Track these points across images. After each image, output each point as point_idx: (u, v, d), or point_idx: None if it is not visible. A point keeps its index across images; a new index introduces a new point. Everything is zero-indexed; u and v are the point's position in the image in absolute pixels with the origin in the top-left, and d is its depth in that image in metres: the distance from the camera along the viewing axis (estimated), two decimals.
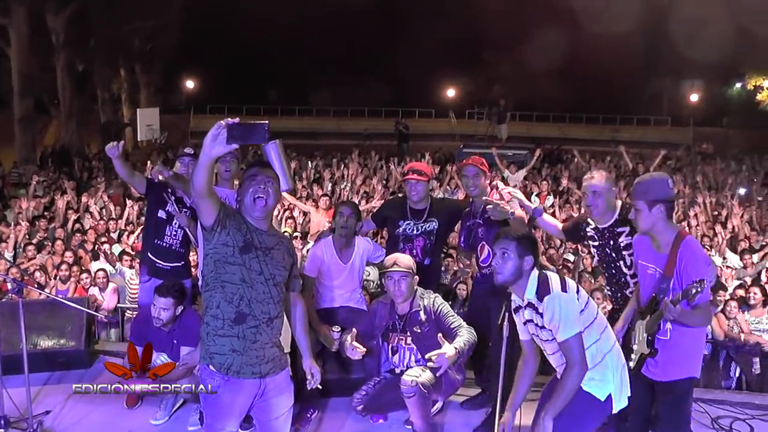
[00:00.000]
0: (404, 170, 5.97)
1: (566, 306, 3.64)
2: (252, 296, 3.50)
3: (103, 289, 8.21)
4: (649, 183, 4.11)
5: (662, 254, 4.06)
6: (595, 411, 3.73)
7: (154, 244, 5.84)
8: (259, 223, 3.58)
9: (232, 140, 3.05)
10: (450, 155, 23.11)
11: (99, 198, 12.43)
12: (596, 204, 4.74)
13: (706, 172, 17.65)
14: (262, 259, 3.53)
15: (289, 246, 3.76)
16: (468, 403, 5.62)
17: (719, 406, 5.69)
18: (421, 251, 5.57)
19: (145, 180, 5.90)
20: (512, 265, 3.74)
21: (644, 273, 4.23)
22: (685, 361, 4.12)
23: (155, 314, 5.13)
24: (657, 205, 4.00)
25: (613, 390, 3.71)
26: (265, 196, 3.53)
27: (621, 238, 4.72)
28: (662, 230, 4.05)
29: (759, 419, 5.52)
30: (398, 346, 5.09)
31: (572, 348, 3.61)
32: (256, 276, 3.51)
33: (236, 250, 3.47)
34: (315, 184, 13.92)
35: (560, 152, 23.02)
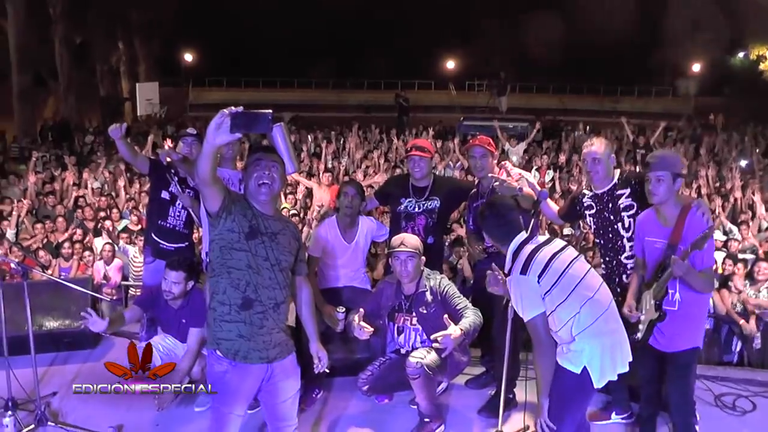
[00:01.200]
0: (407, 147, 5.92)
1: (523, 289, 3.71)
2: (258, 282, 3.49)
3: (108, 263, 8.21)
4: (674, 157, 4.38)
5: (668, 227, 4.22)
6: (573, 385, 3.72)
7: (157, 224, 5.81)
8: (264, 208, 3.57)
9: (235, 129, 3.04)
10: (450, 128, 23.05)
11: (100, 174, 12.38)
12: (596, 170, 4.82)
13: (707, 144, 17.55)
14: (268, 245, 3.53)
15: (294, 230, 3.75)
16: (472, 383, 5.64)
17: (722, 383, 5.71)
18: (423, 229, 5.52)
19: (148, 160, 5.85)
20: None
21: (651, 248, 4.34)
22: (689, 332, 4.27)
23: (167, 288, 5.11)
24: (678, 178, 4.22)
25: (588, 362, 3.67)
26: (270, 182, 3.53)
27: (621, 200, 4.78)
28: (673, 203, 4.24)
29: (761, 396, 5.54)
30: (404, 326, 5.08)
31: (535, 327, 3.69)
32: (263, 261, 3.50)
33: (242, 236, 3.46)
34: (315, 158, 13.87)
35: (558, 124, 22.93)
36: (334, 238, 5.56)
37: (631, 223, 4.74)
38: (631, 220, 4.74)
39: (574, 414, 3.83)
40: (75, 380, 5.57)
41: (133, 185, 11.46)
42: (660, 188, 4.22)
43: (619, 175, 4.88)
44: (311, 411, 5.21)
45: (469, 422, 5.13)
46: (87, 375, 5.68)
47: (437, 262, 5.63)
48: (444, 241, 6.77)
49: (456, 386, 5.56)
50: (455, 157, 13.98)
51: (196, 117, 27.82)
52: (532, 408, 4.92)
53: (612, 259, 4.91)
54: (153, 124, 23.00)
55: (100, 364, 5.88)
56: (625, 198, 4.76)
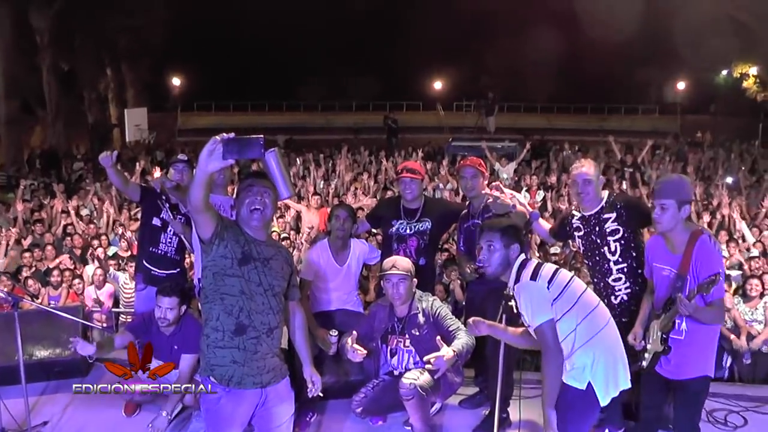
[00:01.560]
0: (398, 169, 5.96)
1: (533, 294, 3.71)
2: (252, 307, 3.50)
3: (99, 287, 8.18)
4: (681, 183, 4.21)
5: (677, 255, 4.11)
6: (580, 402, 3.75)
7: (149, 251, 5.82)
8: (256, 234, 3.59)
9: (228, 155, 3.06)
10: (440, 149, 23.11)
11: (89, 201, 12.34)
12: (587, 191, 4.84)
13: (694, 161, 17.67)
14: (261, 270, 3.54)
15: (287, 256, 3.77)
16: (466, 402, 5.62)
17: (714, 399, 5.69)
18: (414, 251, 5.55)
19: (139, 188, 5.88)
20: (499, 256, 3.84)
21: (659, 275, 4.27)
22: (699, 360, 4.17)
23: (161, 315, 5.11)
24: (685, 205, 4.08)
25: (593, 378, 3.71)
26: (262, 207, 3.55)
27: (607, 224, 4.79)
28: (681, 230, 4.10)
29: (753, 411, 5.56)
30: (397, 348, 5.09)
31: (544, 334, 3.67)
32: (255, 287, 3.52)
33: (235, 262, 3.48)
34: (304, 180, 13.88)
35: (546, 143, 23.02)
36: (326, 261, 5.56)
37: (617, 247, 4.78)
38: (617, 244, 4.77)
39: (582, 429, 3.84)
40: (66, 409, 5.53)
41: (123, 212, 11.42)
42: (664, 217, 4.08)
43: (607, 198, 4.90)
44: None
45: None
46: (78, 404, 5.62)
47: (429, 284, 5.66)
48: (436, 262, 6.78)
49: (450, 406, 5.54)
50: (445, 178, 14.02)
51: (185, 142, 27.80)
52: (526, 427, 4.95)
53: (600, 281, 4.94)
54: (142, 149, 22.96)
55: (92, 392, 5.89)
56: (611, 222, 4.79)
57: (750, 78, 29.15)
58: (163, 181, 5.79)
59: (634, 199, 6.16)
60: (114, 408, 5.48)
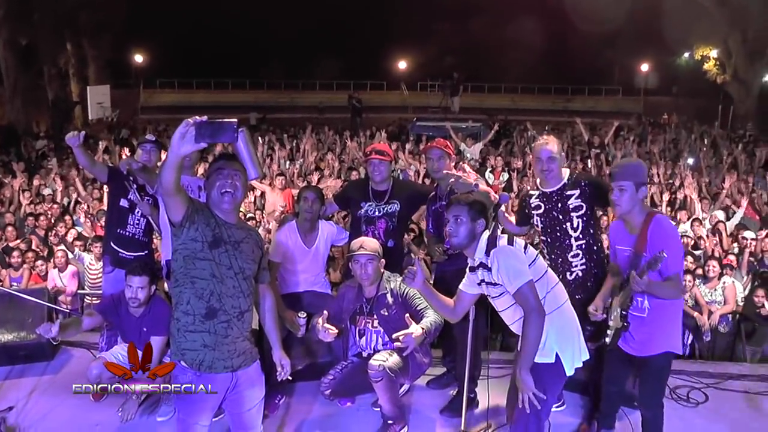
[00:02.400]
0: (366, 150, 5.95)
1: (512, 256, 3.76)
2: (222, 291, 3.49)
3: (62, 270, 8.05)
4: (637, 166, 4.38)
5: (634, 235, 4.25)
6: (549, 375, 3.81)
7: (116, 233, 5.75)
8: (227, 216, 3.57)
9: (200, 138, 3.03)
10: (403, 128, 23.10)
11: (51, 180, 12.13)
12: (551, 168, 4.90)
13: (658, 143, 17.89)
14: (232, 253, 3.53)
15: (257, 239, 3.75)
16: (433, 383, 5.68)
17: (677, 376, 5.88)
18: (383, 233, 5.57)
19: (107, 168, 5.80)
20: (465, 228, 3.89)
21: (622, 256, 4.38)
22: (662, 337, 4.29)
23: (132, 295, 5.04)
24: (642, 187, 4.23)
25: (560, 349, 3.80)
26: (233, 190, 3.52)
27: (570, 201, 4.87)
28: (638, 212, 4.24)
29: (713, 387, 5.75)
30: (365, 329, 5.11)
31: (526, 295, 3.69)
32: (226, 270, 3.51)
33: (205, 245, 3.46)
34: (269, 160, 13.79)
35: (509, 124, 23.07)
36: (294, 243, 5.56)
37: (580, 223, 4.87)
38: (580, 220, 4.86)
39: (550, 403, 3.91)
40: (32, 393, 5.49)
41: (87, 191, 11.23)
42: (623, 198, 4.21)
43: (569, 176, 4.97)
44: (274, 417, 5.20)
45: (432, 422, 5.17)
46: (45, 388, 5.59)
47: (398, 265, 5.66)
48: (404, 244, 6.81)
49: (418, 387, 5.59)
50: (407, 160, 13.98)
51: (148, 120, 27.49)
52: (494, 407, 5.01)
53: (558, 257, 5.00)
54: (104, 127, 22.59)
55: (58, 376, 5.85)
56: (575, 199, 4.87)
57: (710, 61, 29.55)
58: (130, 163, 5.72)
59: (597, 177, 6.27)
60: None
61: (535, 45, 37.34)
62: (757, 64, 27.74)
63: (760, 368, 6.32)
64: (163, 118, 26.39)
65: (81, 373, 5.30)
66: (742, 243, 8.81)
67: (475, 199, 4.01)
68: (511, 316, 3.94)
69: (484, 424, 4.94)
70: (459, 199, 4.00)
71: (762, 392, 5.73)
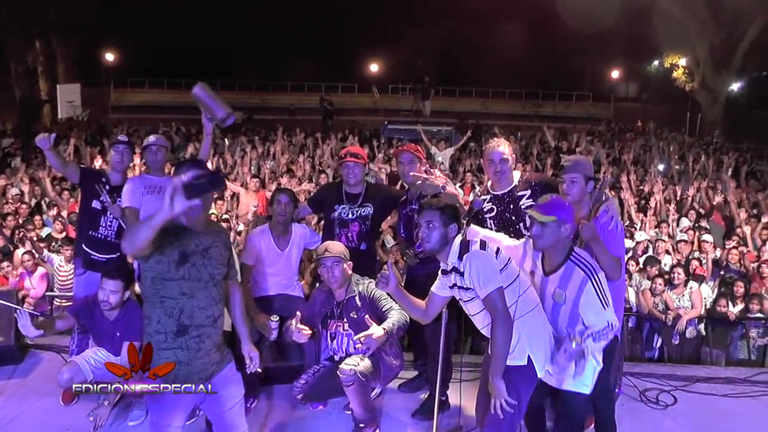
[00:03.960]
0: (341, 153, 5.97)
1: (484, 261, 3.81)
2: (194, 305, 3.52)
3: (31, 273, 7.95)
4: (586, 161, 4.74)
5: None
6: (522, 377, 3.87)
7: (88, 235, 5.69)
8: (194, 223, 3.55)
9: (190, 196, 3.07)
10: (375, 131, 23.13)
11: (18, 180, 11.96)
12: (504, 170, 4.98)
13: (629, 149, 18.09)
14: (201, 263, 3.54)
15: (225, 239, 3.78)
16: (405, 386, 5.72)
17: (646, 379, 6.07)
18: (356, 236, 5.59)
19: (79, 169, 5.74)
20: (438, 233, 3.93)
21: None
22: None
23: (104, 298, 5.00)
24: (590, 180, 4.52)
25: (531, 351, 3.87)
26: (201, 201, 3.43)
27: (522, 201, 4.93)
28: (586, 203, 4.52)
29: (681, 390, 5.92)
30: (336, 332, 5.12)
31: (494, 301, 3.75)
32: (196, 283, 3.53)
33: (172, 265, 3.47)
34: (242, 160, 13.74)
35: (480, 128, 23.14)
36: (267, 246, 5.57)
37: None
38: None
39: (523, 407, 3.95)
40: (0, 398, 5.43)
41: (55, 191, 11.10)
42: (573, 189, 4.50)
43: (520, 177, 5.05)
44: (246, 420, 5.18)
45: (403, 426, 5.21)
46: (13, 392, 5.53)
47: (370, 268, 5.67)
48: (377, 247, 6.83)
49: (389, 390, 5.62)
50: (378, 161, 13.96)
51: (119, 119, 27.23)
52: (466, 410, 5.05)
53: None
54: (74, 127, 22.31)
55: (27, 380, 5.79)
56: (526, 199, 4.92)
57: (679, 68, 29.97)
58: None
59: (546, 177, 6.35)
60: (51, 397, 5.40)
61: (506, 49, 37.63)
62: (724, 72, 28.17)
63: (725, 371, 6.51)
64: (135, 118, 26.19)
65: (51, 377, 5.28)
66: (703, 248, 8.98)
67: (446, 204, 4.06)
68: (481, 320, 4.00)
69: (455, 427, 4.99)
70: (431, 203, 4.04)
71: (728, 394, 5.89)
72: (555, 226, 3.91)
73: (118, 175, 5.74)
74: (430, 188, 4.85)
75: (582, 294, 3.91)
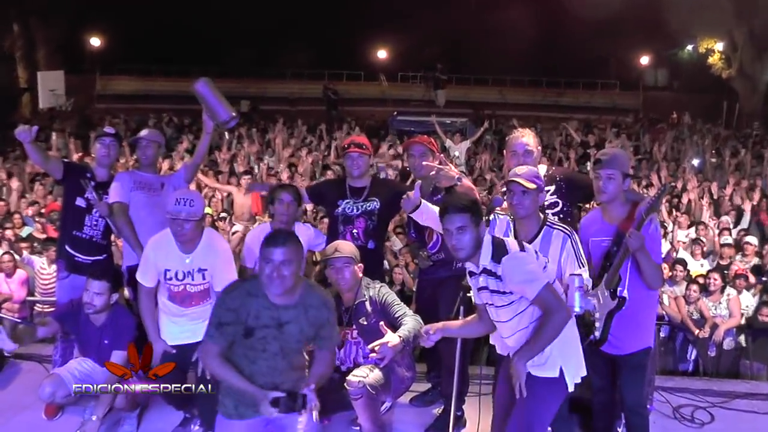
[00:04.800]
0: (344, 143, 5.93)
1: (527, 263, 3.77)
2: (254, 370, 3.77)
3: (9, 276, 7.94)
4: (624, 156, 4.69)
5: (614, 225, 4.43)
6: (551, 389, 3.88)
7: (72, 235, 5.68)
8: (277, 299, 3.72)
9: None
10: (383, 123, 23.11)
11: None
12: (527, 163, 4.89)
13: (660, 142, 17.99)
14: (271, 336, 3.75)
15: (316, 315, 3.86)
16: (417, 400, 5.70)
17: (680, 395, 6.00)
18: (363, 233, 5.50)
19: (62, 164, 5.74)
20: (470, 237, 3.82)
21: (598, 248, 4.53)
22: (640, 332, 4.49)
23: (88, 300, 5.01)
24: (627, 178, 4.46)
25: (564, 362, 3.87)
26: (280, 279, 3.64)
27: (546, 197, 4.88)
28: (620, 204, 4.46)
29: (719, 407, 5.83)
30: (344, 340, 5.10)
31: (547, 298, 3.72)
32: (260, 353, 3.76)
33: (239, 336, 3.75)
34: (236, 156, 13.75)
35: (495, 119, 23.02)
36: None
37: (556, 220, 4.88)
38: (556, 217, 4.89)
39: (547, 423, 3.99)
40: None
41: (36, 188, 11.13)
42: (610, 186, 4.42)
43: (545, 171, 5.02)
44: None
45: None
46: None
47: (377, 270, 5.66)
48: (384, 248, 6.81)
49: (400, 404, 5.59)
50: (389, 156, 13.95)
51: (106, 109, 27.23)
52: (484, 426, 5.02)
53: None
54: (57, 118, 22.34)
55: (6, 392, 5.80)
56: (551, 195, 4.93)
57: (715, 54, 29.71)
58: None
59: (572, 172, 6.33)
60: (32, 410, 5.40)
61: (525, 34, 37.41)
62: (765, 58, 27.92)
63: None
64: (123, 108, 26.19)
65: (32, 389, 5.27)
66: (746, 250, 8.94)
67: (471, 201, 3.96)
68: (514, 326, 3.94)
69: None
70: (455, 204, 3.88)
71: None
72: (534, 194, 4.24)
73: (105, 171, 5.75)
74: (444, 180, 4.83)
75: (563, 252, 4.23)
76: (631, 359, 4.49)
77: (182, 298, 4.93)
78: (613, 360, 4.57)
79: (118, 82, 37.38)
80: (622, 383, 4.59)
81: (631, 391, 4.55)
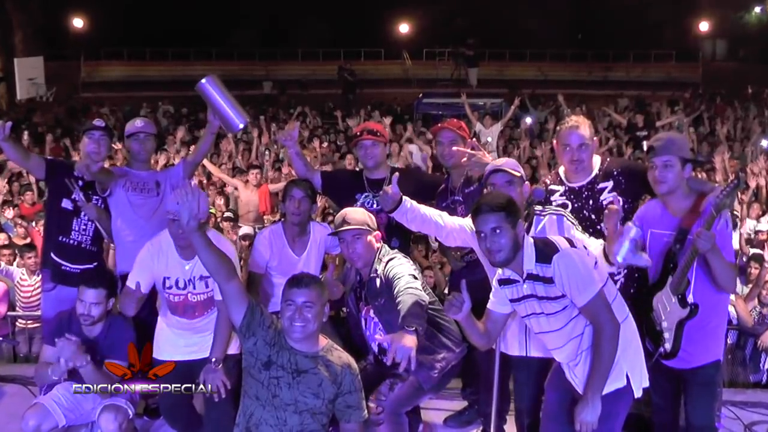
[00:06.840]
0: (356, 131, 5.89)
1: (580, 261, 3.77)
2: (261, 417, 3.90)
3: None
4: (682, 140, 4.64)
5: (677, 217, 4.37)
6: (619, 401, 3.90)
7: (57, 241, 5.64)
8: (298, 345, 3.96)
9: None
10: (407, 107, 23.09)
11: None
12: (582, 158, 4.88)
13: (723, 120, 17.81)
14: (285, 381, 3.88)
15: (335, 377, 3.97)
16: (452, 420, 5.67)
17: (753, 410, 5.89)
18: (385, 229, 5.35)
19: (44, 162, 5.71)
20: (508, 239, 3.81)
21: (659, 242, 4.46)
22: (709, 343, 4.40)
23: (84, 311, 4.95)
24: (688, 164, 4.36)
25: (630, 368, 3.87)
26: (303, 323, 3.89)
27: (603, 196, 4.86)
28: (683, 195, 4.38)
29: None
30: (367, 317, 4.98)
31: (598, 308, 3.73)
32: (271, 398, 3.88)
33: (259, 363, 3.92)
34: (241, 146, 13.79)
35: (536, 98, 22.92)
36: (279, 250, 5.45)
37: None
38: None
39: None
40: None
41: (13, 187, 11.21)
42: (668, 175, 4.32)
43: (600, 164, 4.96)
44: None
45: None
46: None
47: None
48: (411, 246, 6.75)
49: (434, 425, 5.58)
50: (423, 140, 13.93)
51: (92, 98, 27.39)
52: None
53: None
54: (37, 109, 22.50)
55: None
56: (608, 192, 4.85)
57: None
58: (89, 165, 5.43)
59: (629, 162, 6.22)
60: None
61: (567, 1, 37.32)
62: None
63: None
64: (111, 97, 26.31)
65: (15, 415, 5.27)
66: None
67: (506, 198, 3.93)
68: (568, 332, 3.93)
69: None
70: (488, 203, 3.86)
71: None
72: (519, 181, 4.42)
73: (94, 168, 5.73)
74: (477, 167, 4.82)
75: (565, 232, 4.32)
76: (700, 374, 4.39)
77: (185, 309, 4.94)
78: (678, 375, 4.50)
79: (105, 68, 37.57)
80: (689, 402, 4.52)
81: (699, 410, 4.45)
